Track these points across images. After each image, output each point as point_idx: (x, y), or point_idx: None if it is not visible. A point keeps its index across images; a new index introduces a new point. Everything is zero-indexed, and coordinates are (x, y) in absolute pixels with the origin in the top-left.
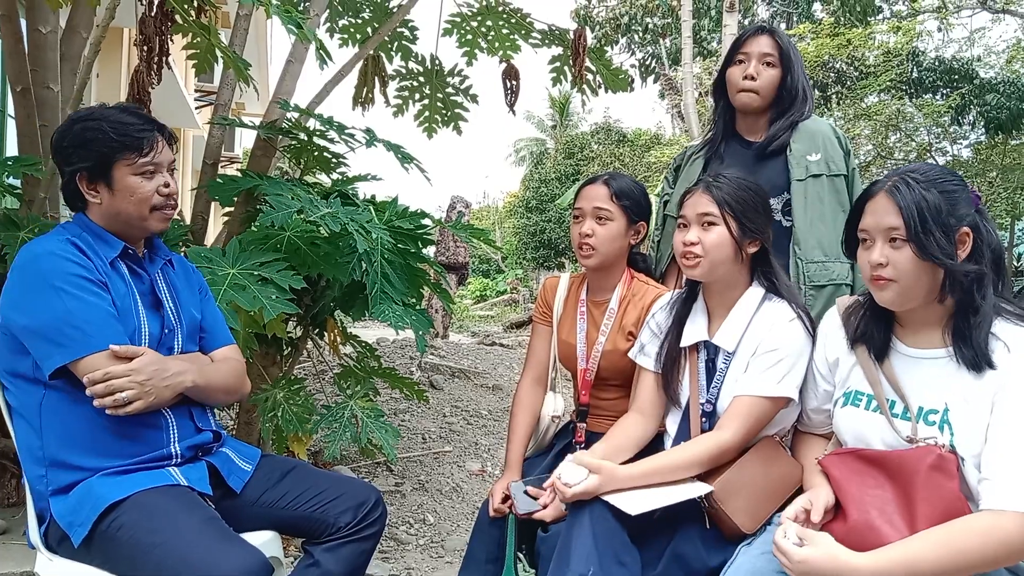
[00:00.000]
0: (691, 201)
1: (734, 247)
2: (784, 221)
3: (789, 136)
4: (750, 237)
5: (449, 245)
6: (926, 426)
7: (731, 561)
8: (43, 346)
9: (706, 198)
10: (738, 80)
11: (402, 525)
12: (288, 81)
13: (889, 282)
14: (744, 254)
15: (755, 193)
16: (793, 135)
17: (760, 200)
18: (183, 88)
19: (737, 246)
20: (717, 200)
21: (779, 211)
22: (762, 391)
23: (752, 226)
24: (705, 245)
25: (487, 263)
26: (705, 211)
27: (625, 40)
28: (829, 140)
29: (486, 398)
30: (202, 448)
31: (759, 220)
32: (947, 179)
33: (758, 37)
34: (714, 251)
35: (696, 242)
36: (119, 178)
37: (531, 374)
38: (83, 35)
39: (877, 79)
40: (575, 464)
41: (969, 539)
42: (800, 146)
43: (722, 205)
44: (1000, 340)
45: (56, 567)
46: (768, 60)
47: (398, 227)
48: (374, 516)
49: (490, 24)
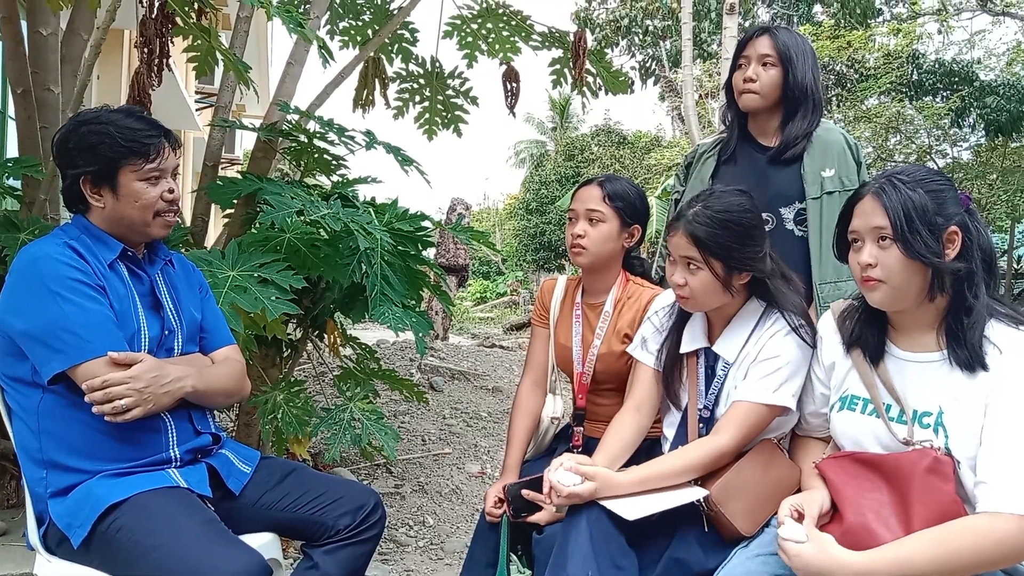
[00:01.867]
0: (674, 241)
1: (721, 286)
2: (797, 231)
3: (804, 146)
4: (737, 271)
5: (449, 247)
6: (921, 429)
7: (725, 563)
8: (41, 351)
9: (685, 241)
10: (739, 84)
11: (402, 527)
12: (288, 83)
13: (879, 283)
14: (734, 288)
15: (737, 224)
16: (807, 146)
17: (745, 229)
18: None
19: (724, 283)
20: (697, 243)
21: (791, 220)
22: (760, 398)
23: (737, 263)
24: (692, 288)
25: (487, 265)
26: (686, 255)
27: (625, 42)
28: (842, 153)
29: (486, 400)
30: (201, 450)
31: (744, 253)
32: (933, 179)
33: (757, 39)
34: (701, 293)
35: (684, 283)
36: (124, 183)
37: (530, 377)
38: (83, 37)
39: (877, 81)
40: (570, 472)
41: (963, 540)
42: (814, 161)
43: (703, 247)
44: (992, 343)
45: (55, 569)
46: (767, 61)
47: (398, 229)
48: (373, 519)
49: (490, 26)
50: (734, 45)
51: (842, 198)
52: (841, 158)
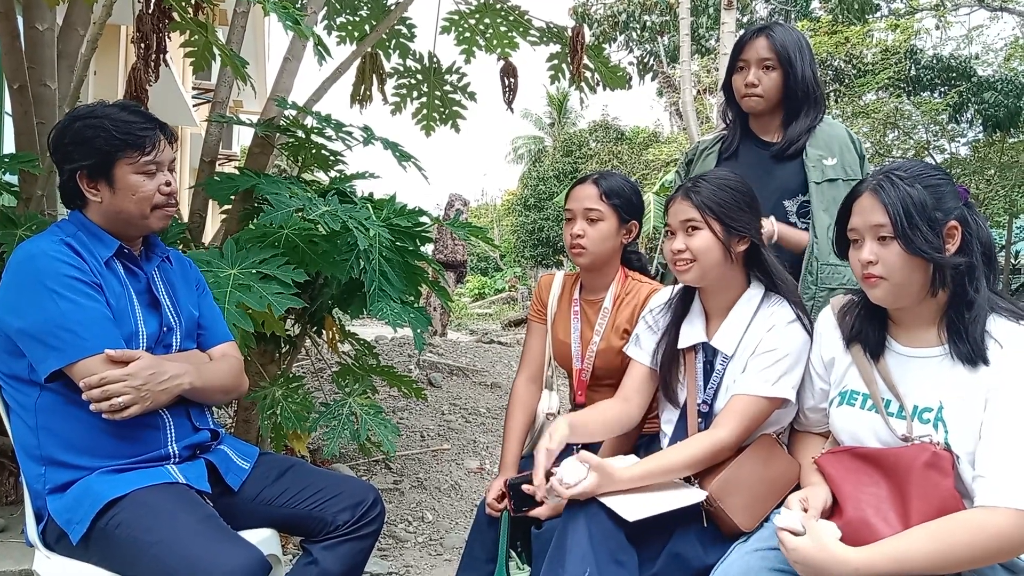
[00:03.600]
0: (673, 209)
1: (722, 248)
2: (800, 224)
3: (806, 140)
4: (737, 235)
5: (447, 243)
6: (921, 424)
7: (724, 558)
8: (38, 349)
9: (686, 204)
10: (740, 88)
11: (401, 523)
12: (286, 79)
13: (880, 280)
14: (734, 254)
15: (736, 191)
16: (809, 139)
17: (743, 197)
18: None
19: (725, 247)
20: (697, 205)
21: (794, 213)
22: (759, 391)
23: (736, 225)
24: (692, 250)
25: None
26: (687, 217)
27: (623, 37)
28: (845, 145)
29: (484, 396)
30: (200, 447)
31: (743, 217)
32: (931, 174)
33: (755, 41)
34: (703, 255)
35: (684, 249)
36: (120, 176)
37: (526, 372)
38: (80, 32)
39: (875, 77)
40: (577, 461)
41: (960, 534)
42: (816, 151)
43: (702, 209)
44: (993, 337)
45: (54, 565)
46: (767, 64)
47: (396, 225)
48: (372, 515)
49: (488, 22)
50: (732, 40)
51: (846, 187)
52: (844, 148)
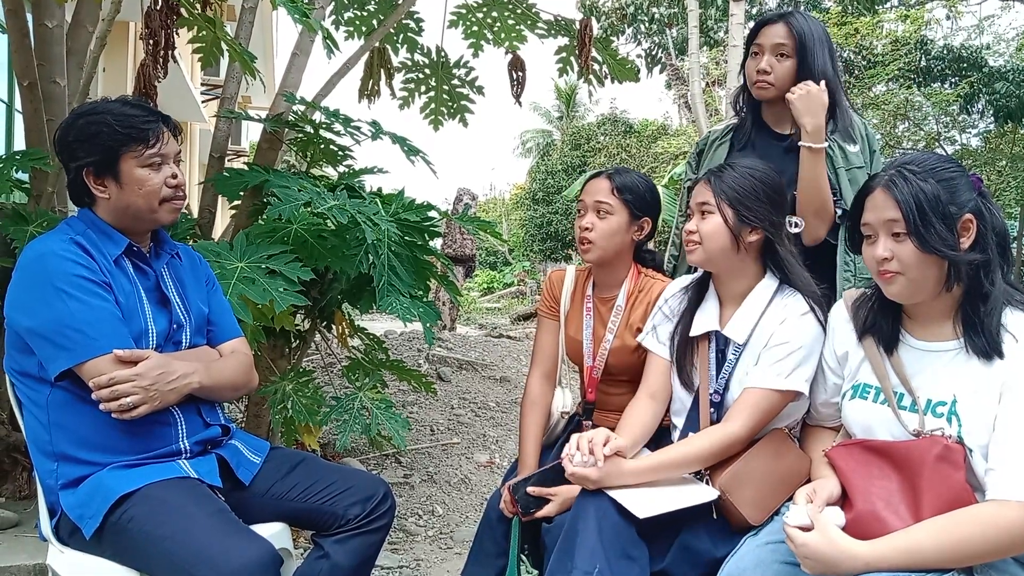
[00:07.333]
0: (696, 189)
1: (730, 236)
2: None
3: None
4: (749, 226)
5: (456, 237)
6: (934, 418)
7: (735, 551)
8: (47, 348)
9: (706, 188)
10: (752, 74)
11: (411, 516)
12: (294, 74)
13: (896, 275)
14: (744, 243)
15: (761, 182)
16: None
17: (766, 189)
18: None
19: (734, 235)
20: (714, 190)
21: None
22: (772, 384)
23: (750, 215)
24: (701, 233)
25: (494, 255)
26: (703, 200)
27: (631, 30)
28: (862, 139)
29: (494, 390)
30: (211, 442)
31: (760, 209)
32: (944, 167)
33: (771, 26)
34: (708, 239)
35: (694, 231)
36: (126, 171)
37: (539, 369)
38: (89, 29)
39: (885, 68)
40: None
41: (971, 528)
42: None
43: (718, 194)
44: (1008, 331)
45: (67, 559)
46: (782, 51)
47: (405, 219)
48: (383, 509)
49: (496, 15)
50: (741, 32)
51: (863, 175)
52: (862, 138)
